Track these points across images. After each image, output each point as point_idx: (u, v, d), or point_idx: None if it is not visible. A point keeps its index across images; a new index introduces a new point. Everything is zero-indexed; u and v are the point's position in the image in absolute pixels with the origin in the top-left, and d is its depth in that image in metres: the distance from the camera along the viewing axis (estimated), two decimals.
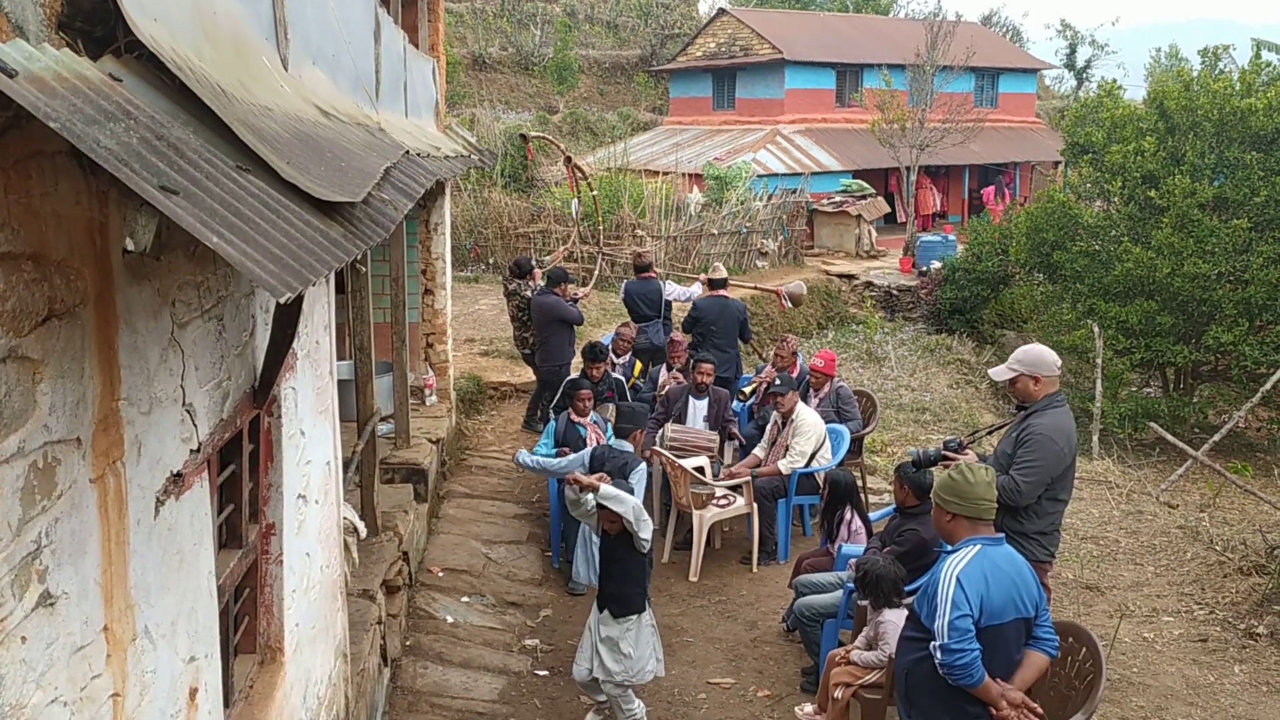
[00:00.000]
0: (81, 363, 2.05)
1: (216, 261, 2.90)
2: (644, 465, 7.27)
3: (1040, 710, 4.14)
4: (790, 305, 13.86)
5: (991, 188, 28.53)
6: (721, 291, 10.40)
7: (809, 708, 6.07)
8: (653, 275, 11.21)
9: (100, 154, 1.60)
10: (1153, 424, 13.53)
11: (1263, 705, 6.96)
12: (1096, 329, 14.43)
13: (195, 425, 2.74)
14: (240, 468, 3.41)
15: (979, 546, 4.03)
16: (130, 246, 2.00)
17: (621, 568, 5.65)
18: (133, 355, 2.30)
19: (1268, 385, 12.92)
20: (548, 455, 7.78)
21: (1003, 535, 4.21)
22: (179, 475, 2.60)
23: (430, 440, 8.82)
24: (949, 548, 4.15)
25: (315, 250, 2.06)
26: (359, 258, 6.08)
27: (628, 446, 7.39)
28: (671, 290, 11.15)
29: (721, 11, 30.65)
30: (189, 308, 2.68)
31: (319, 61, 4.52)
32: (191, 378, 2.70)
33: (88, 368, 2.07)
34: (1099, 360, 14.20)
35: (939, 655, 3.90)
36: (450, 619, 7.09)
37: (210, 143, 2.11)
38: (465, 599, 7.42)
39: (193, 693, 2.74)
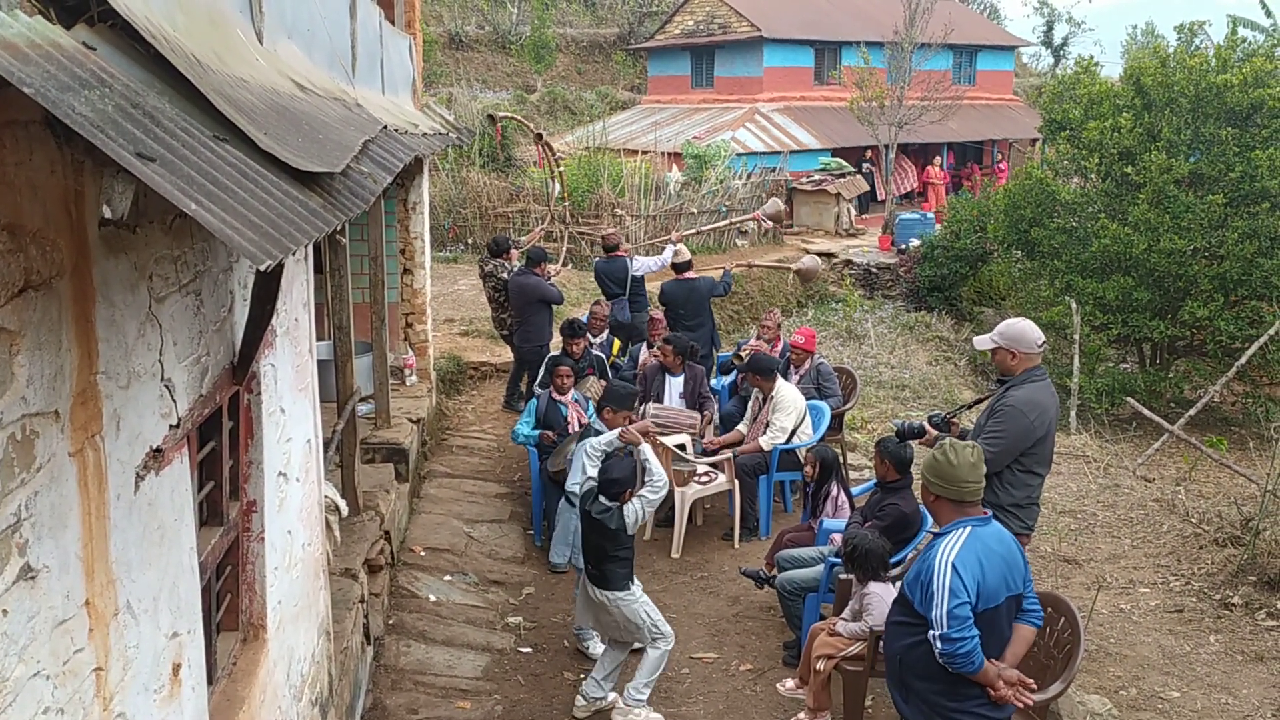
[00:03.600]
0: (59, 335, 2.03)
1: (194, 236, 2.88)
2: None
3: (1034, 685, 4.14)
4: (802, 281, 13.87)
5: (1005, 162, 28.79)
6: (688, 274, 10.43)
7: (790, 682, 6.12)
8: (621, 254, 11.22)
9: (76, 120, 1.57)
10: (1129, 399, 13.65)
11: (1237, 674, 7.06)
12: (1074, 305, 14.52)
13: (174, 401, 2.72)
14: (220, 445, 3.39)
15: (969, 529, 3.96)
16: (107, 214, 1.98)
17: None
18: (110, 329, 2.28)
19: (1243, 360, 13.04)
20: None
21: (990, 514, 4.12)
22: (159, 450, 2.58)
23: (411, 420, 8.80)
24: (938, 530, 4.07)
25: (295, 220, 2.04)
26: (339, 230, 6.05)
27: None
28: (639, 265, 11.14)
29: None
30: (166, 282, 2.66)
31: (294, 36, 4.47)
32: (170, 353, 2.68)
33: (65, 340, 2.05)
34: (1076, 336, 14.30)
35: (939, 645, 3.84)
36: (433, 597, 7.10)
37: (186, 112, 2.08)
38: (448, 577, 7.43)
39: (176, 668, 2.73)
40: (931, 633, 3.88)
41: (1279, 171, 14.16)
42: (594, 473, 5.69)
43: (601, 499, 5.56)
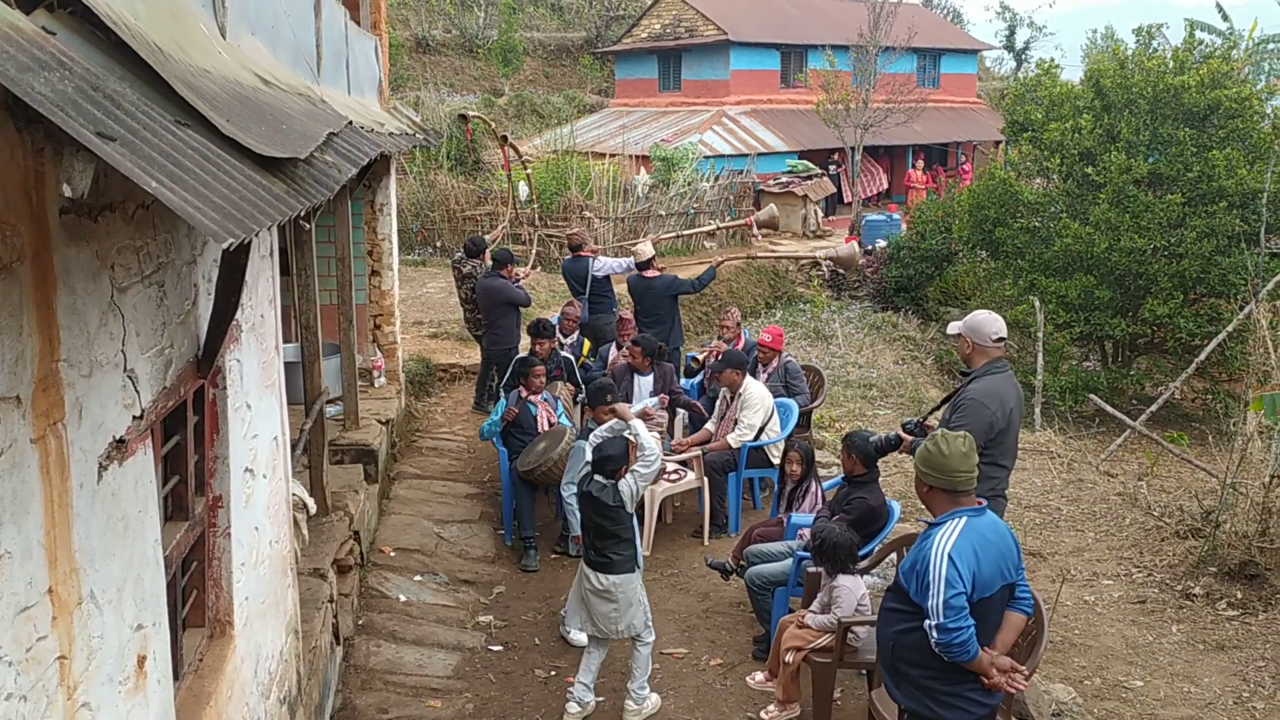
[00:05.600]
0: (19, 320, 2.02)
1: (156, 227, 2.87)
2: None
3: (1026, 671, 4.19)
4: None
5: (969, 163, 29.15)
6: (648, 271, 10.44)
7: (759, 675, 6.15)
8: (585, 254, 11.23)
9: (35, 98, 1.57)
10: (1092, 396, 13.84)
11: (1199, 662, 7.18)
12: (1037, 304, 14.70)
13: (137, 391, 2.71)
14: (185, 439, 3.37)
15: (964, 519, 3.99)
16: (68, 192, 1.98)
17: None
18: (72, 316, 2.27)
19: (1201, 356, 13.26)
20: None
21: (985, 504, 4.14)
22: (122, 441, 2.57)
23: (380, 421, 8.76)
24: (933, 521, 4.09)
25: (258, 203, 2.04)
26: (305, 229, 6.02)
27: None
28: (601, 265, 11.17)
29: None
30: (129, 272, 2.65)
31: (258, 32, 4.46)
32: (133, 343, 2.67)
33: (26, 325, 2.05)
34: (1040, 335, 14.48)
35: (935, 635, 3.88)
36: (403, 597, 7.07)
37: (147, 97, 2.08)
38: (418, 578, 7.41)
39: (141, 660, 2.71)
40: (928, 622, 3.91)
41: (1235, 171, 14.41)
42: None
43: (597, 478, 5.75)
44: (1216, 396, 14.62)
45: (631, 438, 5.96)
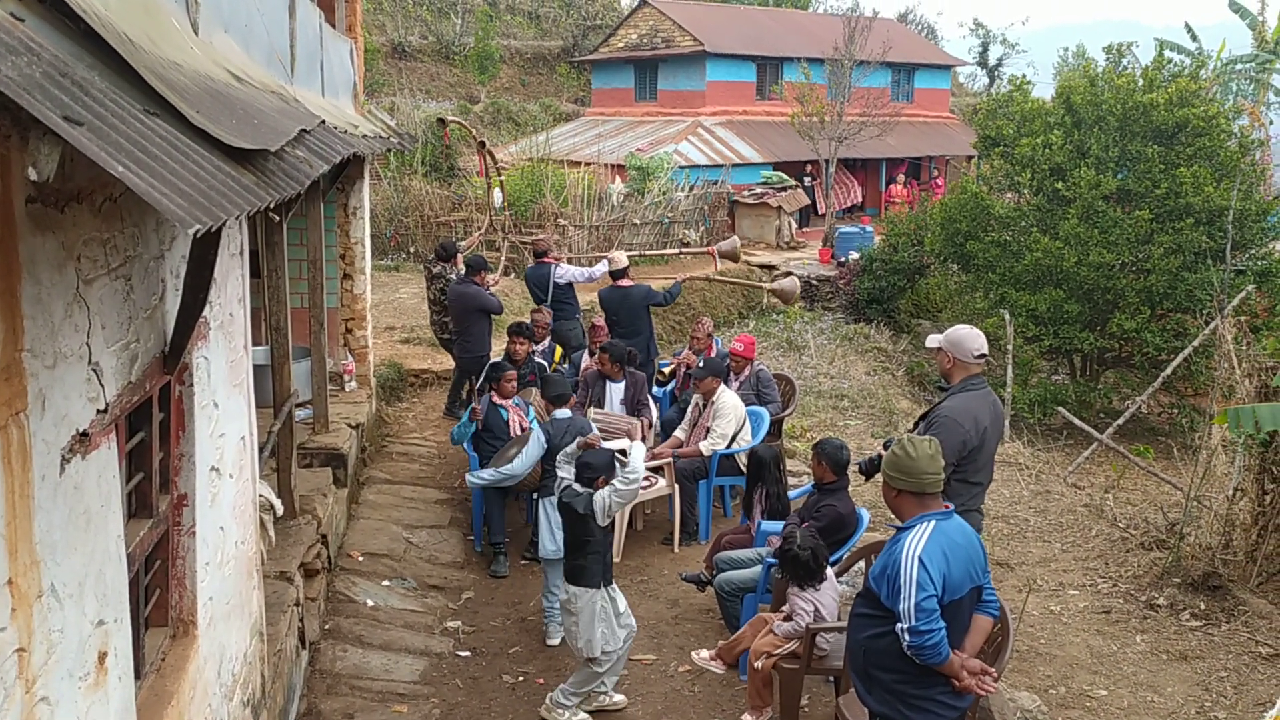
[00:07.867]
0: None
1: (124, 220, 2.84)
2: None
3: (996, 674, 4.20)
4: (781, 303, 13.93)
5: (942, 177, 29.38)
6: (623, 281, 10.37)
7: (705, 653, 6.19)
8: (548, 260, 11.14)
9: (2, 81, 1.56)
10: (1061, 409, 13.96)
11: (1163, 672, 7.25)
12: (1007, 317, 14.83)
13: (102, 385, 2.68)
14: (150, 436, 3.34)
15: (933, 523, 4.01)
16: (33, 176, 1.96)
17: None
18: (36, 306, 2.25)
19: (1167, 371, 13.41)
20: (493, 472, 7.23)
21: (952, 508, 4.16)
22: (85, 434, 2.54)
23: (350, 425, 8.71)
24: (902, 525, 4.10)
25: (226, 193, 2.03)
26: (274, 215, 5.98)
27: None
28: (564, 273, 11.03)
29: (643, 3, 30.66)
30: (95, 264, 2.62)
31: (231, 30, 4.44)
32: (98, 336, 2.65)
33: None
34: (1010, 347, 14.60)
35: (907, 638, 3.89)
36: (370, 602, 7.03)
37: (116, 86, 2.07)
38: (386, 582, 7.36)
39: (102, 657, 2.68)
40: (899, 625, 3.92)
41: (1202, 188, 14.61)
42: (568, 473, 5.86)
43: (575, 485, 5.70)
44: (1182, 410, 14.79)
45: (622, 456, 5.85)
